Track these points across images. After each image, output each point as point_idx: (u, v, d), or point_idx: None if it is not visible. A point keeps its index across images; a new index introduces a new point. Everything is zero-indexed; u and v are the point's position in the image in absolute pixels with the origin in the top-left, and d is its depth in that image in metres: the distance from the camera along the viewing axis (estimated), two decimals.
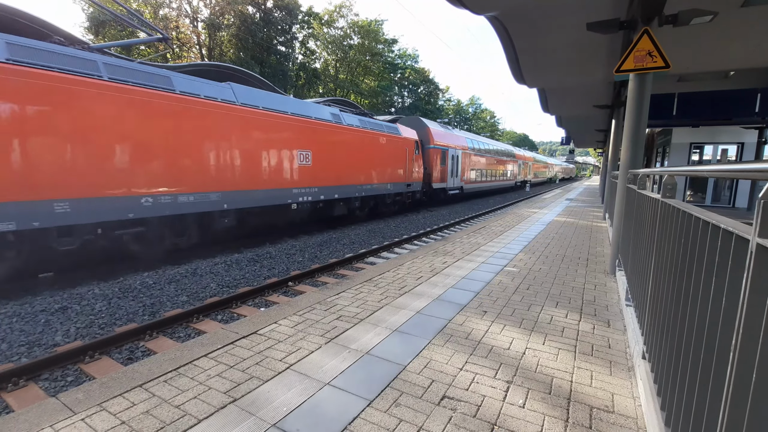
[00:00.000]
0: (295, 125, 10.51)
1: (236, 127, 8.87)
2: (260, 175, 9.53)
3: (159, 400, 2.18)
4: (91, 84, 6.42)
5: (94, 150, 6.49)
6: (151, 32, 7.70)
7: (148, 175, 7.23)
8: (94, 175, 6.48)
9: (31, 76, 5.73)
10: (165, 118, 7.48)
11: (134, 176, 7.02)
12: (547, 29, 6.45)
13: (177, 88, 7.81)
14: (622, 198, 4.74)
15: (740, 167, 1.08)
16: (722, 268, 1.11)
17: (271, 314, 3.48)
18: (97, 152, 6.53)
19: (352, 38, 43.29)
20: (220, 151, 8.56)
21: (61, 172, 6.09)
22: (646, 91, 4.66)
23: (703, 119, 10.77)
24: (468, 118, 68.13)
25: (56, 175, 6.04)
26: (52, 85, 5.96)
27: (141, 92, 7.09)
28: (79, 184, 6.30)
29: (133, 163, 7.00)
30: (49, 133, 5.97)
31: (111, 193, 6.71)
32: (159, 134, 7.40)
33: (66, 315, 5.28)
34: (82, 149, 6.34)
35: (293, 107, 10.74)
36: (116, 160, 6.78)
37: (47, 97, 5.91)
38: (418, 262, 5.52)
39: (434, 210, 19.08)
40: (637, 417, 2.11)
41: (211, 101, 8.37)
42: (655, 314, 2.06)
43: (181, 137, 7.78)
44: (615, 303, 3.95)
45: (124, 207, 6.89)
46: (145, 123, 7.17)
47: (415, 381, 2.41)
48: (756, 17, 5.69)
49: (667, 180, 2.09)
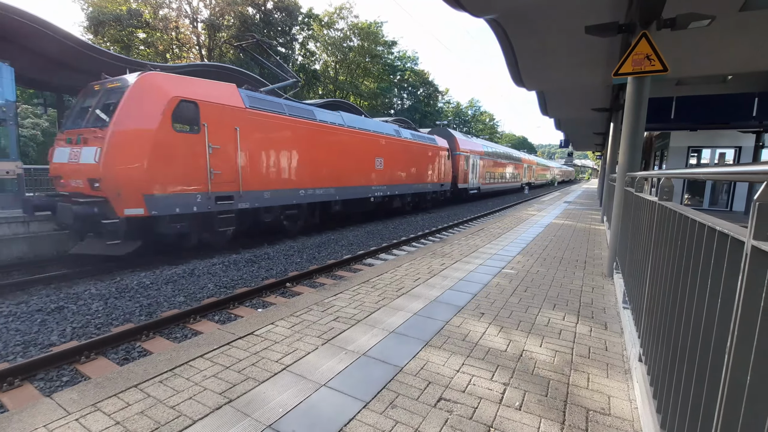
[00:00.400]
0: (375, 139, 14.20)
1: (344, 142, 12.48)
2: (357, 176, 13.21)
3: (154, 400, 2.17)
4: (281, 117, 10.11)
5: (281, 159, 10.14)
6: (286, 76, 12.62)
7: (301, 176, 10.78)
8: (280, 175, 10.14)
9: (256, 115, 9.35)
10: (310, 138, 11.03)
11: (296, 177, 10.61)
12: (546, 32, 6.47)
13: (317, 117, 11.44)
14: (620, 201, 4.75)
15: (736, 169, 1.09)
16: (718, 270, 1.11)
17: (267, 315, 3.47)
18: (282, 160, 10.16)
19: (351, 40, 43.37)
20: (336, 158, 12.11)
21: (268, 173, 9.75)
22: (644, 94, 4.68)
23: (701, 123, 10.81)
24: (467, 121, 68.25)
25: (265, 174, 9.69)
26: (266, 120, 9.63)
27: (300, 121, 10.72)
28: (275, 181, 9.98)
29: (296, 168, 10.62)
30: (279, 150, 10.02)
31: (286, 186, 10.37)
32: (307, 148, 10.94)
33: (62, 315, 5.26)
34: (276, 158, 9.99)
35: (373, 126, 14.49)
36: (291, 165, 10.47)
37: (268, 128, 9.70)
38: (416, 264, 5.52)
39: (433, 212, 19.11)
40: (634, 420, 2.11)
41: (331, 125, 11.94)
42: (651, 317, 2.07)
43: (318, 150, 11.34)
44: (612, 305, 3.95)
45: (292, 196, 10.59)
46: (302, 141, 10.73)
47: (412, 383, 2.40)
48: (753, 22, 5.72)
49: (664, 183, 2.09)
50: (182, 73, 12.87)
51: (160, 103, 7.41)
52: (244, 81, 13.76)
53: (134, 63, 11.13)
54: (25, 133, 20.81)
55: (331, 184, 11.96)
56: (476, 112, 72.21)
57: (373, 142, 14.03)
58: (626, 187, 4.30)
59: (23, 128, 20.95)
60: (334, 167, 12.01)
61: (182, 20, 31.82)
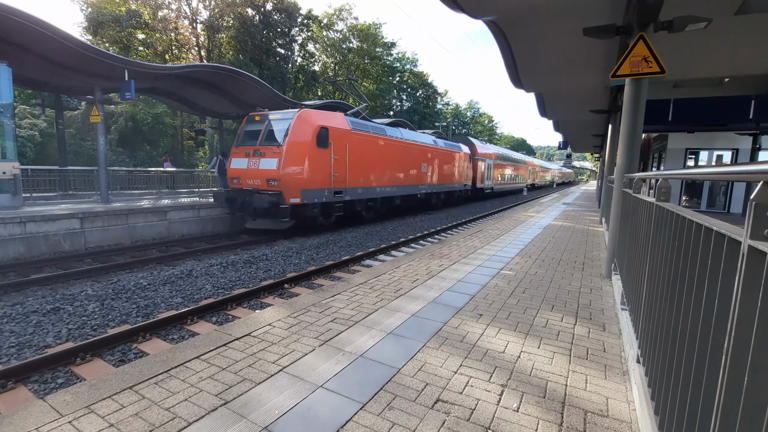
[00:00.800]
0: (421, 148, 17.86)
1: (402, 152, 16.18)
2: (410, 178, 16.82)
3: (149, 402, 2.15)
4: (367, 135, 13.67)
5: (368, 165, 13.71)
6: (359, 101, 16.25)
7: (378, 177, 14.42)
8: (367, 177, 13.73)
9: (357, 134, 12.99)
10: (383, 149, 14.71)
11: (375, 178, 14.19)
12: (545, 34, 6.49)
13: (387, 133, 15.14)
14: (618, 202, 4.75)
15: (733, 169, 1.08)
16: (715, 270, 1.10)
17: (265, 316, 3.46)
18: (368, 166, 13.73)
19: (351, 41, 43.42)
20: (397, 164, 15.84)
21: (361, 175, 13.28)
22: (642, 96, 4.69)
23: (699, 125, 10.84)
24: (466, 122, 68.33)
25: (359, 176, 13.20)
26: (363, 137, 13.34)
27: (378, 137, 14.42)
28: (364, 181, 13.56)
29: (375, 171, 14.22)
30: (374, 159, 13.89)
31: (370, 185, 13.94)
32: (382, 157, 14.62)
33: (58, 316, 5.23)
34: (366, 164, 13.55)
35: (420, 138, 18.29)
36: (373, 170, 14.03)
37: (364, 144, 13.37)
38: (414, 265, 5.51)
39: (432, 213, 19.13)
40: (632, 421, 2.10)
41: (395, 138, 15.70)
42: (649, 317, 2.06)
43: (387, 158, 15.05)
44: (610, 307, 3.95)
45: (373, 192, 14.21)
46: (379, 152, 14.41)
47: (409, 384, 2.39)
48: (749, 25, 5.74)
49: (661, 183, 2.09)
50: (180, 73, 12.89)
51: (311, 129, 11.02)
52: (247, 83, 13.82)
53: (133, 64, 11.12)
54: (22, 133, 20.74)
55: (394, 184, 15.67)
56: (475, 114, 72.32)
57: (420, 151, 17.75)
58: (624, 189, 4.30)
59: (21, 129, 20.89)
60: (396, 171, 15.81)
61: (181, 21, 31.82)
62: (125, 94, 11.06)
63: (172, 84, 14.05)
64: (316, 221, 11.82)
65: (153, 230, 10.79)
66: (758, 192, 0.88)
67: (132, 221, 10.27)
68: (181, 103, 16.97)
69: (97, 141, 11.72)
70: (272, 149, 10.70)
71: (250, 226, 11.42)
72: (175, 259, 8.56)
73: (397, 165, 15.71)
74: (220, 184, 16.31)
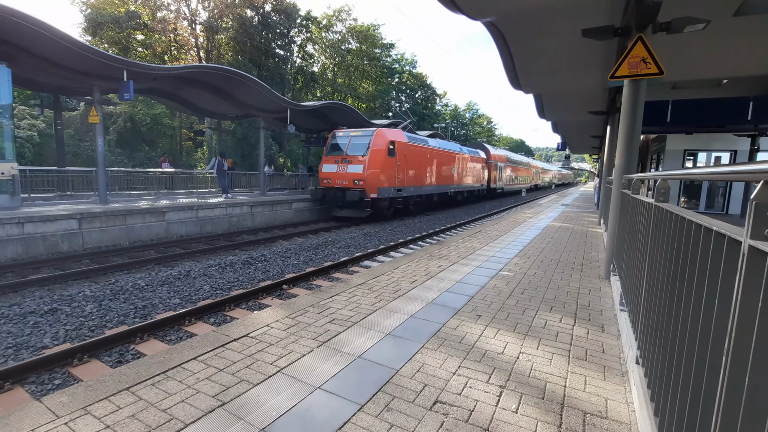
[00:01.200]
0: (451, 155, 21.46)
1: (437, 158, 19.55)
2: (443, 179, 20.31)
3: (145, 403, 2.13)
4: (417, 146, 17.18)
5: (416, 169, 17.09)
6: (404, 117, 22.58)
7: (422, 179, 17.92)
8: (416, 179, 17.16)
9: (410, 146, 16.60)
10: (426, 156, 18.21)
11: (420, 180, 17.65)
12: (543, 35, 6.49)
13: (429, 144, 18.77)
14: (617, 203, 4.75)
15: (732, 169, 1.08)
16: (715, 270, 1.10)
17: (263, 317, 3.45)
18: (417, 170, 17.12)
19: (350, 42, 43.43)
20: (434, 168, 19.27)
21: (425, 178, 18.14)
22: (641, 97, 4.69)
23: (697, 126, 10.86)
24: (465, 123, 68.38)
25: (411, 178, 16.73)
26: (416, 148, 17.20)
27: (423, 147, 17.93)
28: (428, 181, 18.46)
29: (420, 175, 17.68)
30: (422, 164, 17.70)
31: (418, 184, 17.39)
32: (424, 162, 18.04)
33: (55, 317, 5.21)
34: (415, 169, 16.95)
35: (450, 146, 22.10)
36: (419, 173, 17.43)
37: (416, 153, 17.17)
38: (413, 266, 5.50)
39: (431, 214, 19.14)
40: (631, 423, 2.09)
41: (433, 147, 19.17)
42: (648, 318, 2.05)
43: (428, 163, 18.55)
44: (609, 308, 3.94)
45: (420, 191, 17.70)
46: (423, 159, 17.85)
47: (408, 385, 2.38)
48: (748, 26, 5.75)
49: (660, 184, 2.09)
50: (179, 74, 12.88)
51: (385, 143, 14.99)
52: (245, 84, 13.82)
53: (132, 65, 11.11)
54: (21, 134, 20.67)
55: (433, 184, 19.29)
56: (474, 115, 72.39)
57: (450, 157, 21.34)
58: (623, 190, 4.30)
59: (19, 129, 20.81)
60: (434, 174, 19.33)
61: (180, 22, 31.80)
62: (124, 95, 11.04)
63: (171, 85, 14.04)
64: (385, 212, 15.64)
65: (151, 231, 10.77)
66: (759, 192, 0.87)
67: (130, 222, 10.25)
68: (179, 104, 16.96)
69: (96, 142, 11.69)
70: (357, 158, 14.73)
71: (338, 215, 15.39)
72: (173, 260, 8.54)
73: (435, 169, 19.49)
74: (218, 185, 16.34)
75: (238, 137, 27.26)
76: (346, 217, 15.20)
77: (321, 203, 16.01)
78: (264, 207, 14.42)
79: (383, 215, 15.78)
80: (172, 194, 15.62)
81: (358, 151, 14.87)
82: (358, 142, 15.11)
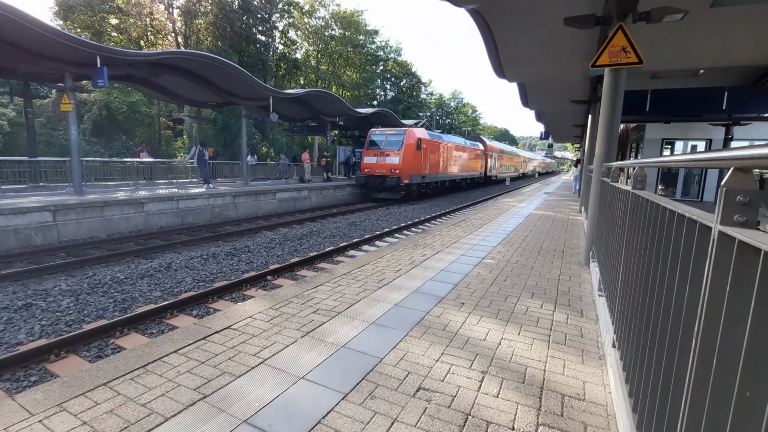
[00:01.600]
0: (458, 147, 25.00)
1: (449, 150, 22.98)
2: (453, 168, 24.06)
3: (124, 398, 2.09)
4: (435, 141, 21.13)
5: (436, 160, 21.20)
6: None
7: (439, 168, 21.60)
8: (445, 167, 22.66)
9: (430, 141, 20.47)
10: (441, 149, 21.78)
11: (438, 168, 21.46)
12: (526, 23, 6.49)
13: (443, 139, 22.51)
14: (597, 190, 4.83)
15: (703, 156, 1.09)
16: (686, 256, 1.12)
17: (246, 308, 3.41)
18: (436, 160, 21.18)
19: (333, 29, 42.67)
20: (447, 159, 22.74)
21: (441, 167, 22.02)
22: (620, 86, 4.75)
23: (675, 116, 11.09)
24: (450, 112, 68.34)
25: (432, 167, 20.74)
26: (435, 143, 21.17)
27: (439, 142, 21.75)
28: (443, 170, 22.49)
29: (437, 164, 21.37)
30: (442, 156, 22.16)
31: (436, 173, 21.49)
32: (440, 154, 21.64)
33: (30, 312, 5.06)
34: (435, 160, 21.02)
35: (457, 140, 25.74)
36: (437, 163, 21.31)
37: (435, 147, 21.10)
38: (397, 255, 5.51)
39: (416, 203, 19.20)
40: (607, 404, 2.15)
41: (446, 141, 22.74)
42: (624, 303, 2.11)
43: (442, 155, 22.01)
44: (588, 293, 4.04)
45: (437, 177, 21.77)
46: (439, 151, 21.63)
47: (391, 373, 2.40)
48: (723, 17, 5.86)
49: (637, 172, 2.12)
50: (155, 60, 12.47)
51: (414, 140, 18.58)
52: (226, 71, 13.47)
53: (106, 50, 10.68)
54: None
55: (446, 172, 23.01)
56: (459, 104, 72.38)
57: (458, 150, 25.03)
58: (603, 178, 4.38)
59: None
60: (446, 164, 22.97)
61: (157, 6, 30.66)
62: (97, 82, 10.64)
63: (148, 71, 13.58)
64: (412, 194, 19.56)
65: (130, 222, 10.51)
66: (728, 178, 0.89)
67: (108, 213, 9.97)
68: (157, 92, 16.44)
69: (69, 130, 11.27)
70: (394, 151, 18.53)
71: (377, 196, 19.21)
72: (153, 252, 8.36)
73: (447, 160, 23.05)
74: (199, 175, 16.02)
75: (219, 126, 26.68)
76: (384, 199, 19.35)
77: (363, 188, 19.77)
78: (247, 197, 14.21)
79: (410, 197, 19.66)
80: (151, 185, 15.24)
81: (393, 146, 18.62)
82: (393, 139, 18.88)
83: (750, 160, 0.81)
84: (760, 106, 9.81)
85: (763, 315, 0.69)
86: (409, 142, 18.51)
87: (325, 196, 18.52)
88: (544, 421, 1.99)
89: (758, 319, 0.70)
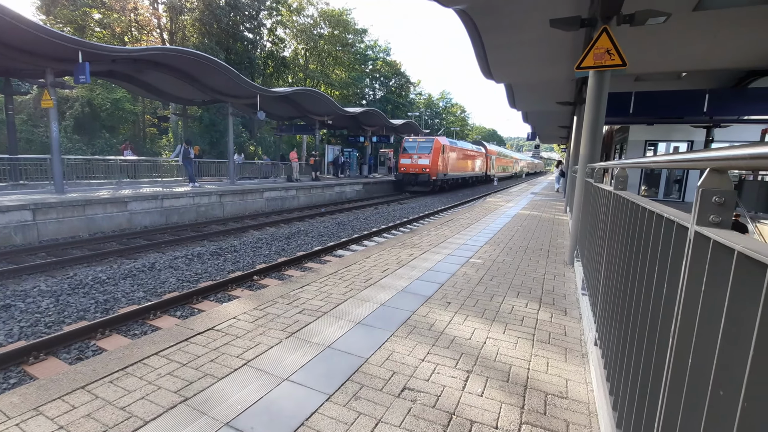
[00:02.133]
0: (467, 151, 30.58)
1: (460, 153, 28.80)
2: (462, 169, 29.39)
3: (102, 402, 2.04)
4: (451, 146, 26.90)
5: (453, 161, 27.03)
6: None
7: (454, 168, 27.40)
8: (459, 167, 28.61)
9: (449, 146, 26.31)
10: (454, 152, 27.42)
11: (452, 169, 27.02)
12: (514, 25, 6.54)
13: (457, 144, 29.23)
14: (581, 191, 4.90)
15: (681, 157, 1.11)
16: (664, 256, 1.14)
17: (230, 309, 3.37)
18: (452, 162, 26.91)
19: (322, 27, 42.42)
20: (458, 161, 28.35)
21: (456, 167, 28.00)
22: (605, 88, 4.82)
23: (658, 117, 11.32)
24: (439, 112, 68.59)
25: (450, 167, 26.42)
26: (454, 148, 27.49)
27: (454, 147, 27.77)
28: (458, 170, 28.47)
29: (452, 165, 26.87)
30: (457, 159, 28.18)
31: (452, 172, 27.18)
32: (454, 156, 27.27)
33: (9, 313, 4.92)
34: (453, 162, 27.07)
35: (467, 145, 32.48)
36: (452, 164, 26.97)
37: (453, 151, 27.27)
38: (385, 255, 5.51)
39: (404, 203, 19.23)
40: (589, 402, 2.18)
41: (459, 146, 29.26)
42: (606, 301, 2.13)
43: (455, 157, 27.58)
44: (572, 292, 4.09)
45: (452, 176, 27.40)
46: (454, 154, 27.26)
47: (376, 373, 2.39)
48: (705, 21, 5.99)
49: (619, 172, 2.15)
50: (139, 56, 12.24)
51: (440, 146, 24.39)
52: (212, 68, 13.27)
53: (88, 45, 10.43)
54: None
55: (459, 172, 27.98)
56: (447, 104, 72.72)
57: (468, 153, 30.50)
58: (587, 179, 4.43)
59: None
60: (459, 165, 27.95)
61: (141, 1, 30.08)
62: (79, 78, 10.38)
63: (132, 68, 13.29)
64: (435, 189, 24.35)
65: (113, 222, 10.29)
66: (705, 179, 0.90)
67: (90, 212, 9.75)
68: (141, 88, 16.11)
69: (50, 127, 10.97)
70: (424, 155, 23.85)
71: (410, 190, 24.19)
72: (136, 252, 8.21)
73: (460, 162, 28.14)
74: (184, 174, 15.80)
75: (205, 124, 26.31)
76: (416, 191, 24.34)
77: (401, 183, 24.91)
78: (234, 196, 14.05)
79: (435, 190, 24.73)
80: (135, 183, 14.95)
81: (424, 151, 24.13)
82: (424, 145, 24.37)
83: (725, 161, 0.82)
84: (739, 108, 10.05)
85: (735, 314, 0.70)
86: (436, 148, 24.13)
87: (314, 196, 18.41)
88: (527, 420, 2.01)
89: (731, 319, 0.71)
